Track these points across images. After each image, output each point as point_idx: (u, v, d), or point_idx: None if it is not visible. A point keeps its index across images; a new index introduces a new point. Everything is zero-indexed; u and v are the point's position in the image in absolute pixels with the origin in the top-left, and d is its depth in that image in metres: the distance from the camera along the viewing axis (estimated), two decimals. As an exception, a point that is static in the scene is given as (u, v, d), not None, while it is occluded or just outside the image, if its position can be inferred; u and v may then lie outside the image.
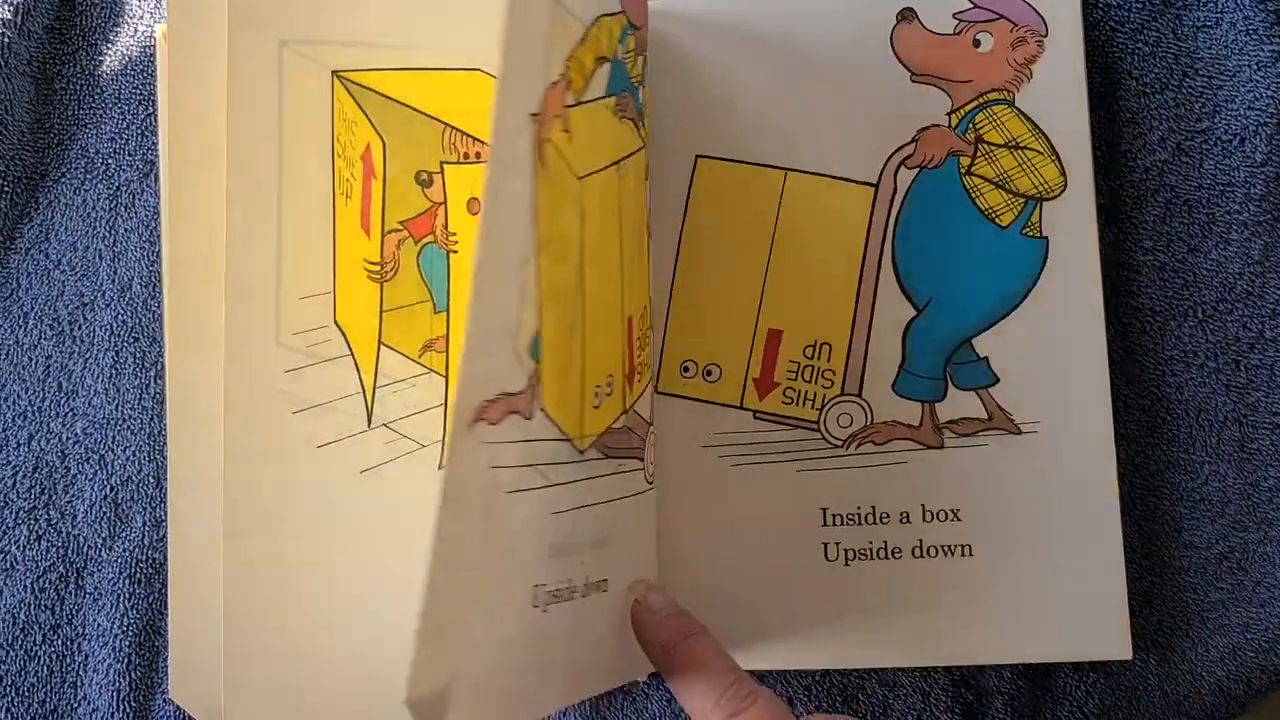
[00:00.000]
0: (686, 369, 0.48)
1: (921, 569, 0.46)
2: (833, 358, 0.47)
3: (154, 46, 0.50)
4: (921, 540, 0.46)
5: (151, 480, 0.49)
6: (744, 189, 0.48)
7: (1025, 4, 0.48)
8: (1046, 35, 0.48)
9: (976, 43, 0.48)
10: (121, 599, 0.48)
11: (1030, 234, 0.47)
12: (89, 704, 0.48)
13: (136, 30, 0.51)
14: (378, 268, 0.42)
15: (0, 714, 0.48)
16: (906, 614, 0.46)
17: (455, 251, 0.43)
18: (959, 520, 0.47)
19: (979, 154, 0.48)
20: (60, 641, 0.48)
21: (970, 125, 0.48)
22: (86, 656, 0.48)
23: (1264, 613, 0.48)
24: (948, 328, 0.47)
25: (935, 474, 0.47)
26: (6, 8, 0.48)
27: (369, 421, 0.41)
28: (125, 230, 0.50)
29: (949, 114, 0.48)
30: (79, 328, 0.50)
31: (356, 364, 0.41)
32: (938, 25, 0.48)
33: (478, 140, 0.43)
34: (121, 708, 0.48)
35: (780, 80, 0.48)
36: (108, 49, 0.51)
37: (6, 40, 0.48)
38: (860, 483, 0.47)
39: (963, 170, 0.48)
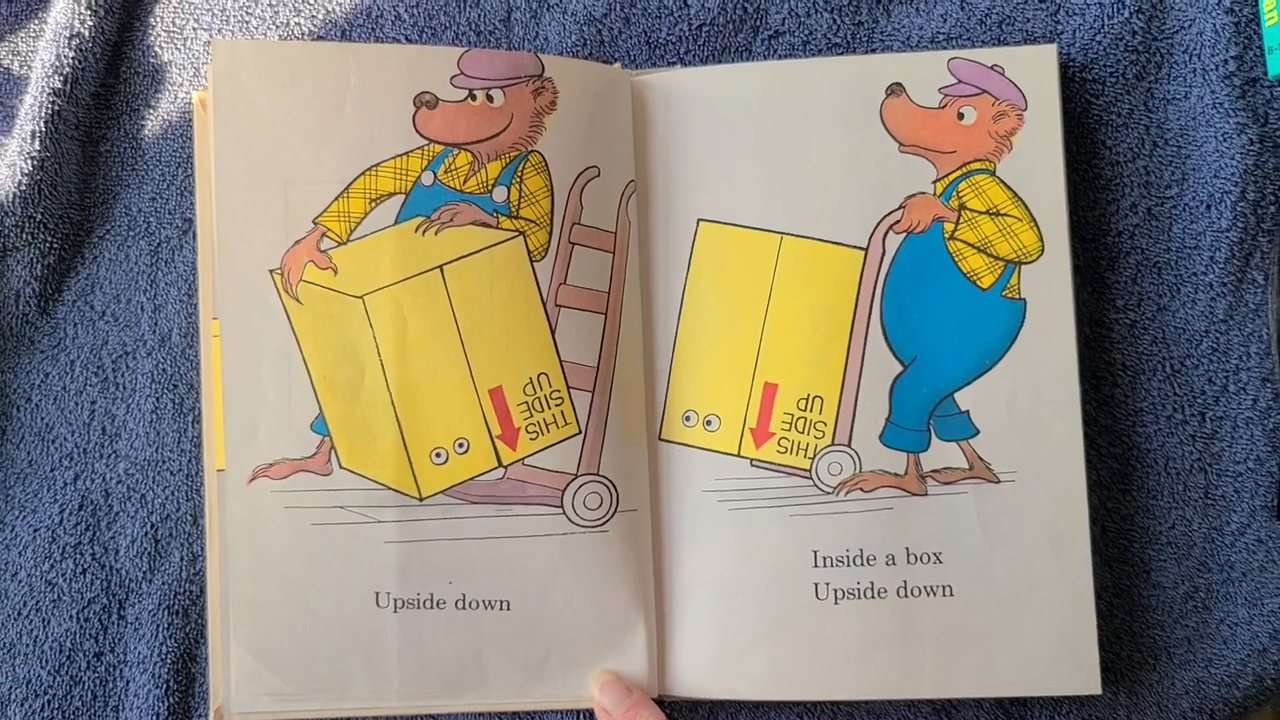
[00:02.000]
0: (688, 418, 0.51)
1: (905, 608, 0.50)
2: (824, 410, 0.51)
3: (192, 112, 0.53)
4: (906, 581, 0.50)
5: (189, 518, 0.52)
6: (743, 251, 0.51)
7: (1006, 80, 0.51)
8: (1026, 109, 0.51)
9: (960, 115, 0.51)
10: (160, 629, 0.52)
11: (1010, 296, 0.51)
12: (130, 727, 0.51)
13: (176, 97, 0.54)
14: None
15: (47, 735, 0.51)
16: (891, 649, 0.49)
17: None
18: (940, 563, 0.50)
19: (962, 220, 0.51)
20: (103, 668, 0.52)
21: (954, 193, 0.51)
22: (128, 683, 0.52)
23: (1226, 649, 0.52)
24: (932, 383, 0.50)
25: (919, 519, 0.50)
26: (57, 78, 0.52)
27: None
28: (165, 284, 0.53)
29: (934, 182, 0.51)
30: (122, 375, 0.53)
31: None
32: (924, 99, 0.51)
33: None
34: (160, 730, 0.51)
35: (778, 150, 0.51)
36: (149, 114, 0.54)
37: (57, 108, 0.52)
38: (849, 527, 0.50)
39: (947, 235, 0.51)
